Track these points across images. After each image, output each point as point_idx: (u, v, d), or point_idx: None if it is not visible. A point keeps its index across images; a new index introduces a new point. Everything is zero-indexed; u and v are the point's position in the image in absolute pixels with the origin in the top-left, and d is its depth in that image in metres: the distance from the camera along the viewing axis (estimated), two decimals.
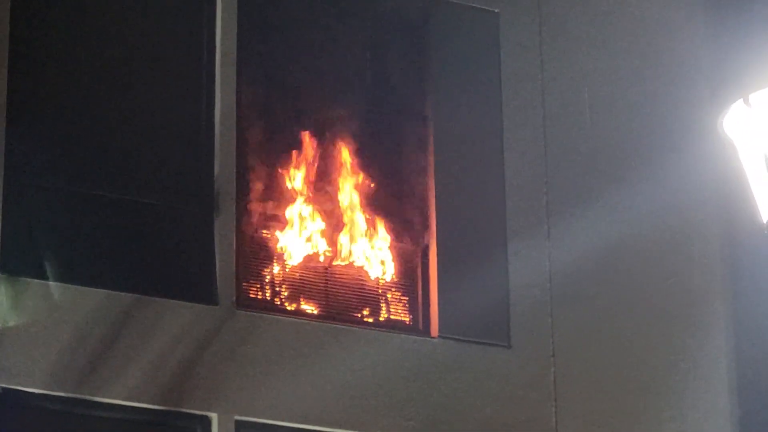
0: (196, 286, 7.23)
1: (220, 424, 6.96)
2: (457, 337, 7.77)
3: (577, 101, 8.56)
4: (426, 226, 8.24)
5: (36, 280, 6.99)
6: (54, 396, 6.84)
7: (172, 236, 7.63)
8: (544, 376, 8.00)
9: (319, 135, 8.12)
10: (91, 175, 7.34)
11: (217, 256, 7.26)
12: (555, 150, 8.30)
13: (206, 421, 6.95)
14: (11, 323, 6.77)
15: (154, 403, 6.79)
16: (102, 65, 7.77)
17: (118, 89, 7.74)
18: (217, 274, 7.21)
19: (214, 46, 7.85)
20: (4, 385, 6.58)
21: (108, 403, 6.75)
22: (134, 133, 7.66)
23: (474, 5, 8.55)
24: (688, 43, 9.15)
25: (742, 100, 2.20)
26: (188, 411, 6.91)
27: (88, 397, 6.68)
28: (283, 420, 7.37)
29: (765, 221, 2.46)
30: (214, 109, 7.27)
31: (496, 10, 8.61)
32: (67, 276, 6.75)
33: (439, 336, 7.72)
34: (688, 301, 8.78)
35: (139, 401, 6.72)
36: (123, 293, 6.86)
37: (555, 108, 8.58)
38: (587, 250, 8.57)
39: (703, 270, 9.01)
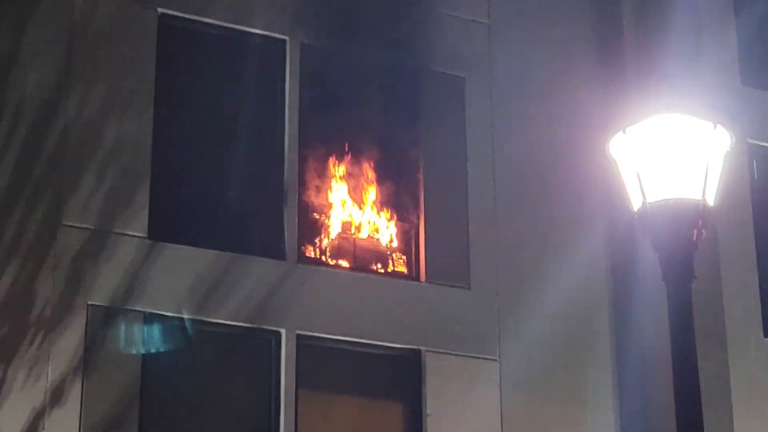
0: (271, 247, 10.30)
1: (287, 337, 9.98)
2: (437, 282, 10.93)
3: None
4: (417, 215, 11.44)
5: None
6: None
7: (259, 217, 10.97)
8: (492, 308, 11.22)
9: (352, 162, 11.43)
10: (217, 179, 11.07)
11: (285, 230, 10.36)
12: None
13: (278, 335, 9.98)
14: None
15: (245, 322, 9.75)
16: (214, 129, 11.17)
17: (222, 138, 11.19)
18: (285, 240, 10.28)
19: (284, 114, 11.11)
20: (147, 310, 9.72)
21: (215, 322, 9.80)
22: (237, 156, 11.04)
23: (445, 71, 12.05)
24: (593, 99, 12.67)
25: (621, 131, 3.49)
26: (267, 327, 9.88)
27: (204, 318, 9.72)
28: (326, 333, 10.52)
29: (635, 208, 3.71)
30: (284, 146, 10.94)
31: (462, 76, 12.03)
32: (192, 240, 10.05)
33: (425, 281, 10.98)
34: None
35: (235, 321, 9.74)
36: (225, 252, 9.97)
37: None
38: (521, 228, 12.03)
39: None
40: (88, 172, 10.13)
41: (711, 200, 3.75)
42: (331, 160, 11.46)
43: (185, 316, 9.84)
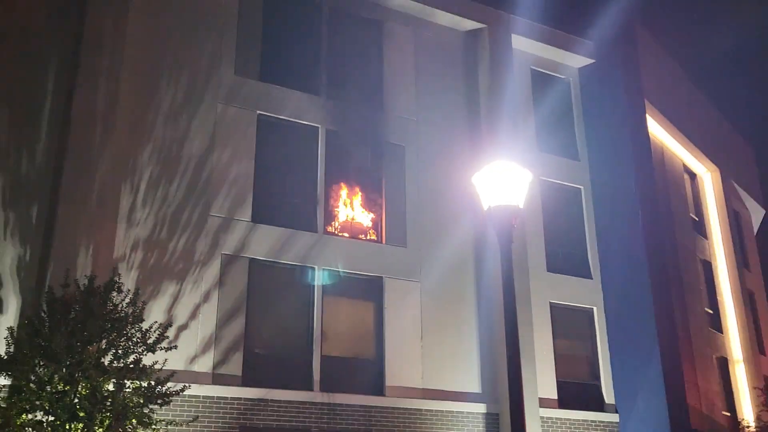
0: (310, 225, 15.50)
1: (318, 270, 15.00)
2: (391, 244, 16.49)
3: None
4: (381, 215, 16.63)
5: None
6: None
7: (304, 213, 15.80)
8: (417, 257, 16.40)
9: (349, 191, 16.63)
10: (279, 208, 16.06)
11: (317, 219, 15.42)
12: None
13: (314, 269, 14.93)
14: None
15: (300, 262, 14.85)
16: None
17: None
18: (317, 223, 15.31)
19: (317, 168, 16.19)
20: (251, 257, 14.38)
21: (286, 263, 14.82)
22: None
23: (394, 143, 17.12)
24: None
25: (478, 171, 6.22)
26: (308, 265, 14.96)
27: (280, 261, 14.69)
28: (338, 268, 15.45)
29: (485, 209, 6.17)
30: (316, 185, 15.81)
31: (403, 145, 17.22)
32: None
33: (386, 243, 16.52)
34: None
35: (294, 261, 14.79)
36: (288, 228, 14.80)
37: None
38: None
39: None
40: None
41: (521, 204, 5.94)
42: (341, 192, 16.81)
43: (271, 260, 14.89)
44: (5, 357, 10.12)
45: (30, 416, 9.67)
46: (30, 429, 9.48)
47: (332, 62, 17.80)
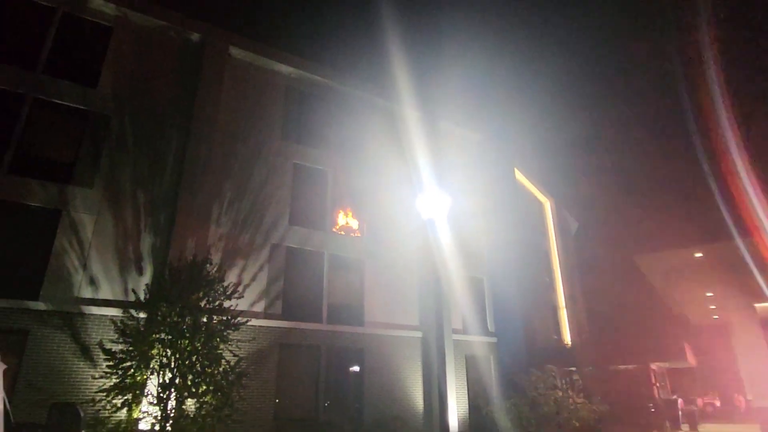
0: (320, 227, 15.37)
1: (327, 255, 15.66)
2: (363, 236, 16.17)
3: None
4: (364, 225, 16.43)
5: None
6: None
7: (319, 222, 15.78)
8: (373, 243, 16.67)
9: (344, 211, 16.53)
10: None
11: (326, 225, 15.41)
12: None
13: (323, 254, 15.87)
14: None
15: (313, 248, 15.66)
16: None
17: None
18: (326, 227, 15.35)
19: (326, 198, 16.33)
20: (287, 245, 15.68)
21: (309, 249, 15.28)
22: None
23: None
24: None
25: (419, 199, 6.97)
26: (320, 251, 15.31)
27: (305, 247, 16.19)
28: (338, 253, 15.83)
29: (424, 217, 7.01)
30: (325, 206, 16.33)
31: (371, 187, 17.05)
32: None
33: (361, 235, 16.09)
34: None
35: (311, 247, 16.15)
36: (306, 228, 16.22)
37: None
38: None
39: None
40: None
41: (443, 216, 6.61)
42: (341, 210, 16.51)
43: (300, 247, 14.83)
44: (144, 300, 10.34)
45: (156, 336, 9.76)
46: (157, 343, 9.68)
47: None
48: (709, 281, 18.13)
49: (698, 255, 17.23)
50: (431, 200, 5.87)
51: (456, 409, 15.88)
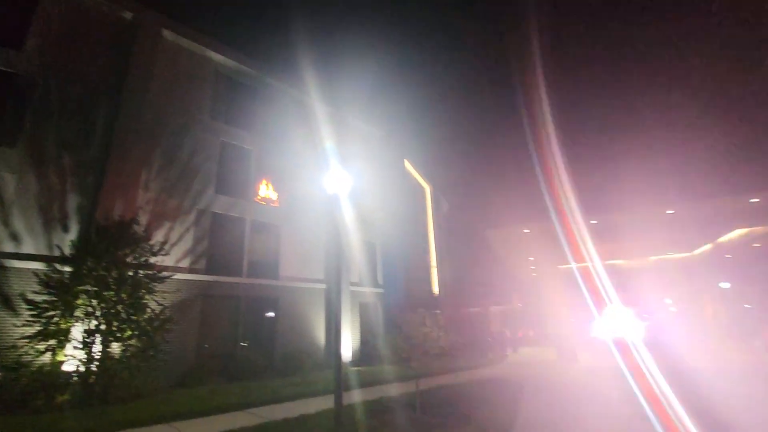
0: (248, 196, 15.25)
1: (250, 220, 15.43)
2: (280, 206, 15.37)
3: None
4: (281, 193, 16.67)
5: None
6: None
7: (247, 195, 15.67)
8: (293, 212, 16.83)
9: (270, 185, 16.37)
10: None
11: (248, 193, 15.53)
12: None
13: (245, 221, 15.53)
14: None
15: (236, 214, 14.97)
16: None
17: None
18: (249, 196, 15.17)
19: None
20: (216, 211, 14.26)
21: (238, 216, 15.21)
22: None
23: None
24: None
25: (324, 178, 6.60)
26: (239, 216, 15.20)
27: (242, 216, 15.05)
28: (261, 219, 15.15)
29: (330, 192, 8.05)
30: (248, 184, 15.65)
31: (291, 164, 17.37)
32: None
33: (279, 206, 15.23)
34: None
35: (239, 215, 15.30)
36: (235, 198, 15.15)
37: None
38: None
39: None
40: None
41: (346, 191, 6.11)
42: (262, 182, 15.35)
43: (225, 213, 13.87)
44: (69, 255, 9.29)
45: (81, 287, 8.73)
46: (82, 294, 8.67)
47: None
48: (532, 249, 20.36)
49: (526, 231, 19.20)
50: (336, 178, 5.79)
51: (350, 343, 16.33)
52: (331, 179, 5.75)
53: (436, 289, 27.67)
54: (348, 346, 16.06)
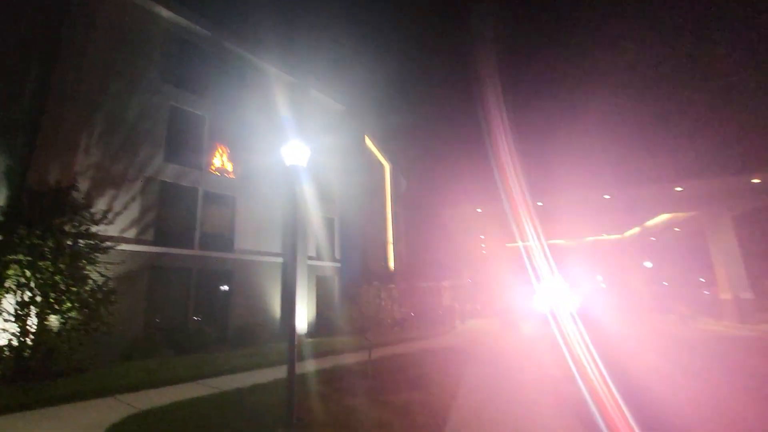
0: (199, 166, 14.65)
1: (202, 190, 14.71)
2: (235, 177, 15.09)
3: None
4: (237, 163, 16.42)
5: None
6: None
7: (199, 162, 14.85)
8: (248, 184, 15.99)
9: (225, 154, 15.61)
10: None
11: (202, 163, 14.63)
12: None
13: (197, 190, 14.70)
14: None
15: (189, 184, 14.13)
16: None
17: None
18: (202, 165, 14.37)
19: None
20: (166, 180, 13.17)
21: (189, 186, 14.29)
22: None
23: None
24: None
25: (284, 148, 6.99)
26: (188, 186, 14.49)
27: (198, 187, 14.03)
28: (211, 190, 14.30)
29: (287, 163, 6.24)
30: (202, 152, 14.83)
31: (246, 133, 16.48)
32: None
33: (234, 177, 14.88)
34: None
35: (191, 184, 14.35)
36: (180, 167, 14.27)
37: None
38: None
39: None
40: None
41: (304, 163, 5.61)
42: (217, 150, 14.68)
43: (175, 182, 13.49)
44: None
45: (12, 257, 8.02)
46: (13, 264, 7.95)
47: None
48: (483, 228, 21.19)
49: (478, 210, 19.89)
50: (294, 149, 5.60)
51: (306, 316, 16.39)
52: (289, 150, 5.55)
53: (392, 264, 28.24)
54: (304, 319, 16.13)
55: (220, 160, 15.01)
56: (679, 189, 17.75)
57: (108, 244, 9.35)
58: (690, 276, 38.16)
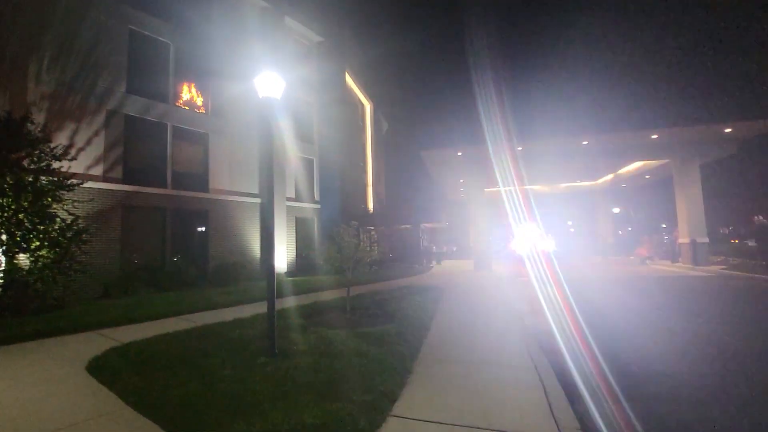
0: (163, 97, 13.47)
1: (171, 126, 13.30)
2: (207, 113, 14.82)
3: None
4: (207, 97, 14.57)
5: None
6: None
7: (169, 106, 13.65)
8: (226, 124, 16.06)
9: (190, 84, 14.08)
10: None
11: (168, 96, 13.39)
12: None
13: (166, 125, 13.68)
14: None
15: (167, 121, 13.59)
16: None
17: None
18: (169, 97, 13.35)
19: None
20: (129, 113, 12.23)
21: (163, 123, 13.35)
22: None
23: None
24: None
25: (257, 80, 5.18)
26: (158, 120, 12.98)
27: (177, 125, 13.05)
28: (180, 125, 13.12)
29: (261, 95, 4.91)
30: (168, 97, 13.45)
31: (219, 66, 15.40)
32: None
33: (206, 113, 14.37)
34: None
35: (168, 121, 13.50)
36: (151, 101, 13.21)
37: None
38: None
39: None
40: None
41: (278, 95, 5.09)
42: (184, 86, 13.62)
43: (141, 116, 12.48)
44: None
45: None
46: None
47: None
48: (462, 172, 21.33)
49: (459, 154, 19.87)
50: (268, 80, 5.22)
51: (286, 256, 16.63)
52: (262, 80, 5.18)
53: (371, 206, 28.52)
54: (283, 259, 16.37)
55: (189, 93, 14.10)
56: (654, 136, 18.07)
57: (73, 181, 8.84)
58: (654, 222, 40.41)
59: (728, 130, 17.15)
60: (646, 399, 3.79)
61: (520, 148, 18.24)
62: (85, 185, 10.08)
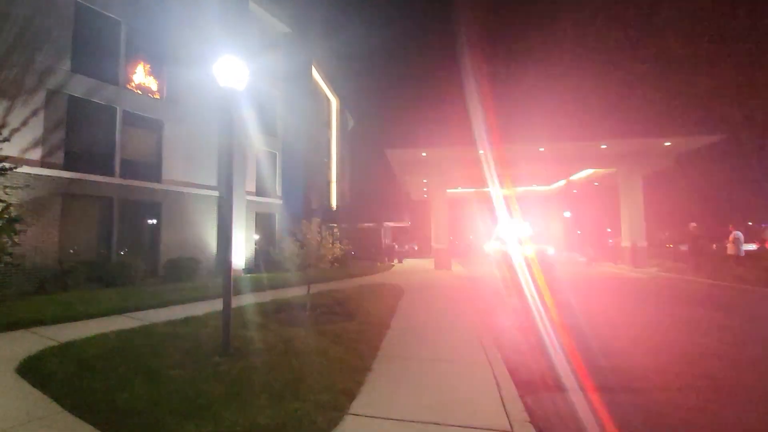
0: (117, 78, 12.32)
1: (121, 111, 12.20)
2: (165, 97, 14.02)
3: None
4: (163, 82, 13.77)
5: None
6: None
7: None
8: (182, 112, 14.85)
9: (144, 66, 12.94)
10: None
11: (119, 78, 12.39)
12: None
13: (115, 110, 12.61)
14: None
15: (136, 111, 12.17)
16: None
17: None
18: (119, 79, 12.38)
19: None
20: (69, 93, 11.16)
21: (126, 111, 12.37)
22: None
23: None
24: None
25: (224, 58, 4.55)
26: (106, 104, 11.92)
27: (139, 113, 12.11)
28: (139, 112, 12.25)
29: (222, 84, 4.46)
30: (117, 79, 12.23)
31: (181, 51, 14.20)
32: None
33: (162, 97, 13.77)
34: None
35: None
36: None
37: None
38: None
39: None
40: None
41: (241, 87, 4.71)
42: (138, 65, 12.93)
43: (86, 98, 11.51)
44: None
45: None
46: None
47: None
48: (425, 172, 21.59)
49: (423, 154, 20.07)
50: (230, 68, 4.97)
51: (244, 251, 16.13)
52: (222, 68, 4.93)
53: (334, 203, 28.30)
54: (242, 255, 15.87)
55: (142, 76, 13.27)
56: (604, 146, 19.20)
57: (5, 165, 8.10)
58: (600, 226, 42.90)
59: (667, 143, 18.55)
60: (591, 389, 4.03)
61: (482, 152, 18.74)
62: (19, 170, 9.21)
